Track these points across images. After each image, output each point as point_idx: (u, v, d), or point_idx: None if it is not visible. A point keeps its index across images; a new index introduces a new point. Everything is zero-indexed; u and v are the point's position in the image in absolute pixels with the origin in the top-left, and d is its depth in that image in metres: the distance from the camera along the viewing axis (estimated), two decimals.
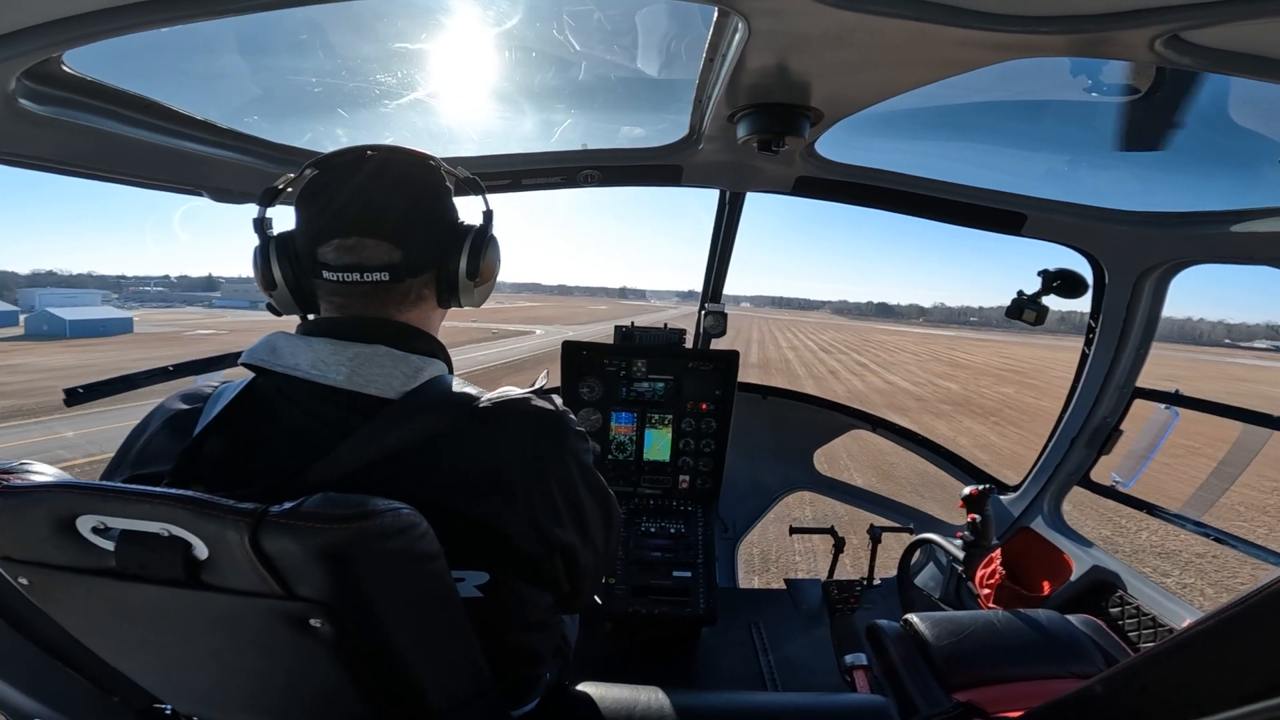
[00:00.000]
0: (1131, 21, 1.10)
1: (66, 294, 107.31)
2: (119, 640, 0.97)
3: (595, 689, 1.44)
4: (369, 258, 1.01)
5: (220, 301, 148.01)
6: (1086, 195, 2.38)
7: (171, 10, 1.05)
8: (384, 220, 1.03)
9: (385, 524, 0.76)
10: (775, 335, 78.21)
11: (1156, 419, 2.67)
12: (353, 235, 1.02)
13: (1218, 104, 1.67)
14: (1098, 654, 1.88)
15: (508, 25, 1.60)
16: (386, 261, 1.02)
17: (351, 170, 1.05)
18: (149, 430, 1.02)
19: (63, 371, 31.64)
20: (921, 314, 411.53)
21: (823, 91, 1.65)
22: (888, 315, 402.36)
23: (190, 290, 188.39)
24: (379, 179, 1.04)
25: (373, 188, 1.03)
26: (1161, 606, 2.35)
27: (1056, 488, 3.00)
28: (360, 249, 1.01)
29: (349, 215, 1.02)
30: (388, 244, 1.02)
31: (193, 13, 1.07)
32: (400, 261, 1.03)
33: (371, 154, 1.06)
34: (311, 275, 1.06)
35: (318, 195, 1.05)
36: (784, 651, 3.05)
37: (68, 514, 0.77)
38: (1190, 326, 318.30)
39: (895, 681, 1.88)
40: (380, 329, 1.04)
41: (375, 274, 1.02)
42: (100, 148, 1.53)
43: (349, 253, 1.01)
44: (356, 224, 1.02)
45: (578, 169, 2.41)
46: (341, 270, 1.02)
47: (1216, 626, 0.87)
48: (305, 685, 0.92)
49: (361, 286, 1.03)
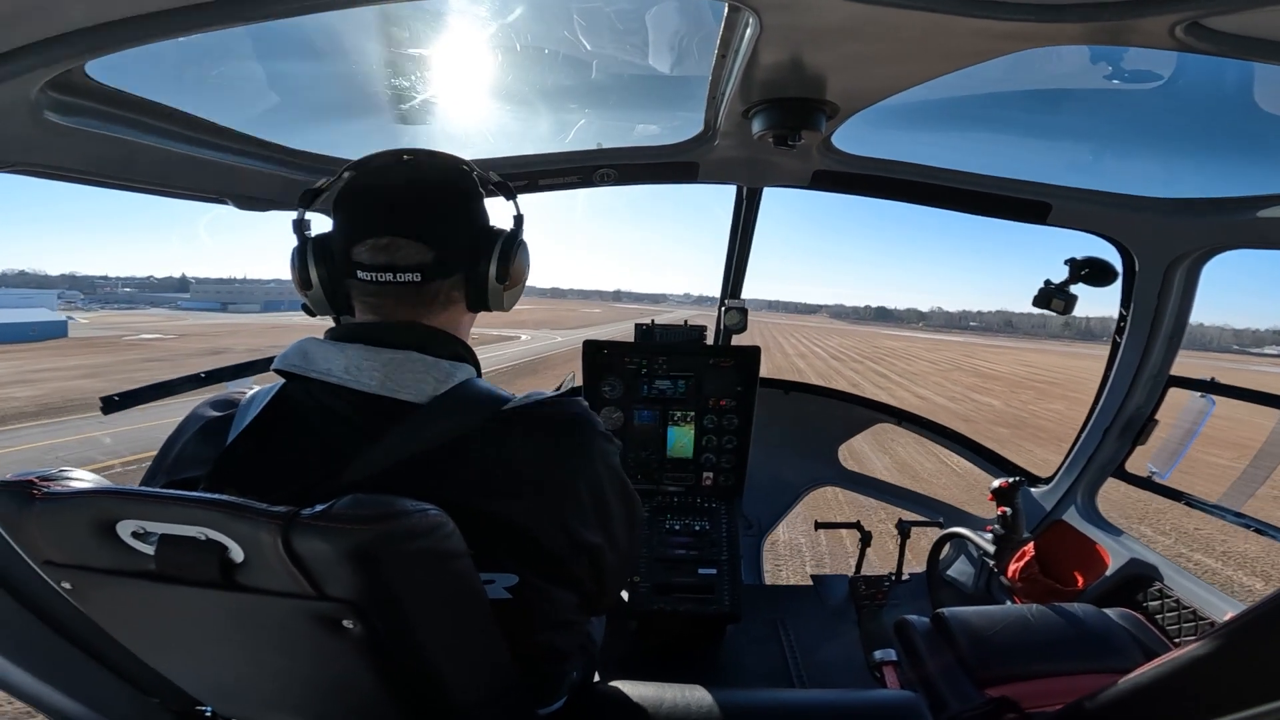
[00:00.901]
0: (1152, 9, 1.07)
1: (22, 294, 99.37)
2: (158, 641, 1.00)
3: (621, 687, 1.44)
4: (402, 257, 1.03)
5: (186, 303, 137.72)
6: (1112, 183, 2.33)
7: (191, 19, 1.06)
8: (416, 220, 1.05)
9: (413, 524, 0.78)
10: (779, 341, 75.64)
11: (1192, 407, 2.60)
12: (386, 235, 1.03)
13: (1243, 89, 1.63)
14: (1135, 648, 1.84)
15: (520, 27, 1.61)
16: (419, 261, 1.03)
17: (386, 173, 1.07)
18: (183, 438, 1.05)
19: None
20: (921, 318, 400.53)
21: (838, 85, 1.63)
22: (887, 319, 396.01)
23: (162, 291, 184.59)
24: (412, 181, 1.07)
25: (407, 189, 1.06)
26: (1201, 599, 2.29)
27: (1090, 480, 2.94)
28: (394, 249, 1.03)
29: (383, 216, 1.04)
30: (420, 244, 1.03)
31: (212, 21, 1.08)
32: (432, 261, 1.04)
33: (407, 157, 1.09)
34: (345, 276, 1.07)
35: (354, 197, 1.07)
36: (811, 648, 3.03)
37: (108, 519, 0.80)
38: (1200, 332, 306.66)
39: (925, 677, 1.85)
40: (411, 334, 1.05)
41: (407, 274, 1.03)
42: (125, 157, 1.55)
43: (383, 252, 1.03)
44: (390, 224, 1.04)
45: (594, 168, 2.41)
46: (375, 270, 1.03)
47: (1259, 619, 0.85)
48: (337, 684, 0.93)
49: (392, 287, 1.04)
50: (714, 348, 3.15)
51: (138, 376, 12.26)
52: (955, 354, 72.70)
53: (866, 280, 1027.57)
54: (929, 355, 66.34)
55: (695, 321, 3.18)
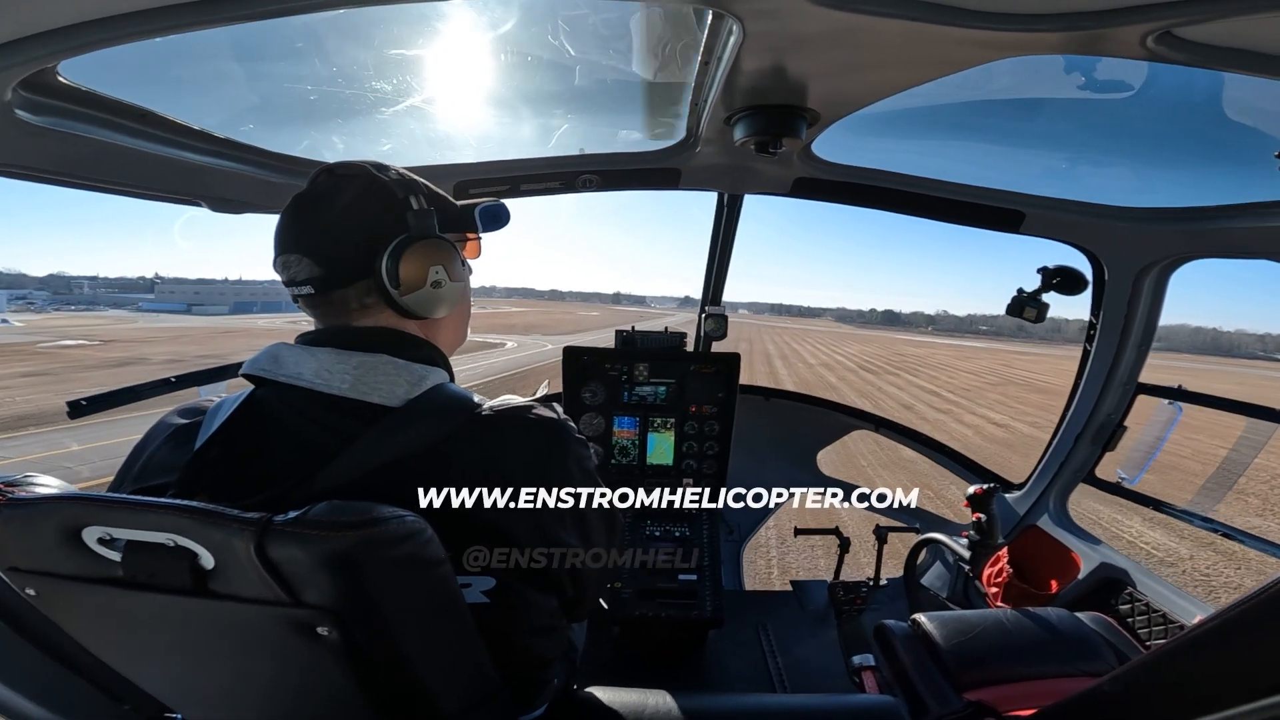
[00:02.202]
0: (1124, 19, 1.11)
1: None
2: (127, 649, 0.98)
3: (603, 693, 1.44)
4: (296, 273, 1.04)
5: (149, 304, 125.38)
6: (1084, 192, 2.38)
7: (167, 20, 1.06)
8: (303, 235, 1.05)
9: (390, 531, 0.77)
10: (795, 348, 66.09)
11: (1160, 415, 2.66)
12: (289, 252, 1.05)
13: (1211, 100, 1.67)
14: (1109, 652, 1.87)
15: (503, 31, 1.60)
16: (309, 275, 1.04)
17: (303, 190, 1.08)
18: (152, 445, 1.03)
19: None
20: (930, 322, 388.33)
21: (819, 92, 1.65)
22: (895, 323, 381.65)
23: (133, 292, 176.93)
24: (313, 196, 1.07)
25: (307, 205, 1.06)
26: (1172, 603, 2.34)
27: (1062, 485, 2.99)
28: (289, 265, 1.05)
29: (283, 233, 1.06)
30: (308, 259, 1.04)
31: (188, 22, 1.07)
32: (322, 275, 1.04)
33: (323, 173, 1.09)
34: None
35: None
36: (792, 653, 3.04)
37: (73, 524, 0.78)
38: (1223, 338, 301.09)
39: (905, 682, 1.86)
40: (381, 338, 1.05)
41: (304, 287, 1.05)
42: (97, 158, 1.53)
43: (285, 269, 1.05)
44: (286, 241, 1.05)
45: (576, 174, 2.41)
46: (288, 285, 1.06)
47: (1227, 622, 0.87)
48: (314, 692, 0.92)
49: (302, 299, 1.07)
50: (694, 354, 3.15)
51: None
52: (989, 362, 64.01)
53: (868, 283, 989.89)
54: (963, 364, 57.96)
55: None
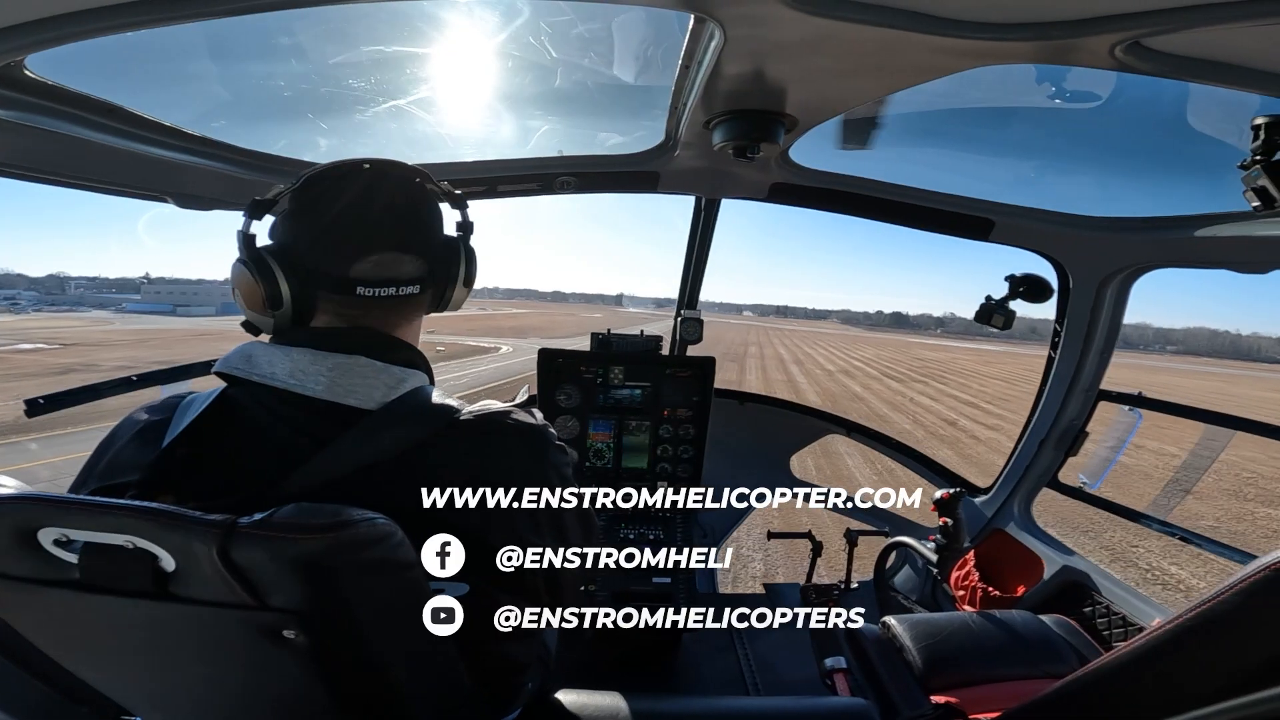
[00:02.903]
0: (1094, 28, 1.14)
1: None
2: (85, 652, 0.95)
3: (578, 697, 1.43)
4: (405, 272, 1.04)
5: (134, 305, 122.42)
6: (1052, 201, 2.44)
7: (138, 14, 1.04)
8: (409, 234, 1.07)
9: (360, 534, 0.76)
10: (810, 352, 60.61)
11: (1121, 421, 2.74)
12: (390, 250, 1.03)
13: (1176, 110, 1.72)
14: (1071, 654, 1.91)
15: (485, 32, 1.60)
16: (417, 274, 1.06)
17: (359, 185, 1.04)
18: (118, 442, 1.00)
19: None
20: (939, 325, 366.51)
21: (797, 98, 1.67)
22: (904, 326, 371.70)
23: (125, 292, 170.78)
24: (394, 194, 1.06)
25: (392, 202, 1.06)
26: (1131, 605, 2.40)
27: (1026, 490, 3.05)
28: (398, 264, 1.03)
29: (378, 230, 1.04)
30: (416, 257, 1.06)
31: (160, 17, 1.05)
32: (427, 274, 1.08)
33: (368, 167, 1.06)
34: (322, 289, 1.03)
35: (338, 211, 1.03)
36: (764, 656, 3.05)
37: (28, 526, 0.76)
38: (1241, 343, 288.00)
39: (876, 684, 1.88)
40: (360, 339, 1.03)
41: (409, 287, 1.05)
42: (64, 153, 1.51)
43: (387, 268, 1.03)
44: (388, 239, 1.04)
45: (554, 175, 2.41)
46: (379, 285, 1.02)
47: (1182, 628, 0.90)
48: (280, 696, 0.90)
49: (391, 300, 1.04)
50: (670, 358, 3.16)
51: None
52: (1013, 367, 57.71)
53: (871, 285, 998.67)
54: (987, 370, 54.00)
55: (718, 326, 3.17)
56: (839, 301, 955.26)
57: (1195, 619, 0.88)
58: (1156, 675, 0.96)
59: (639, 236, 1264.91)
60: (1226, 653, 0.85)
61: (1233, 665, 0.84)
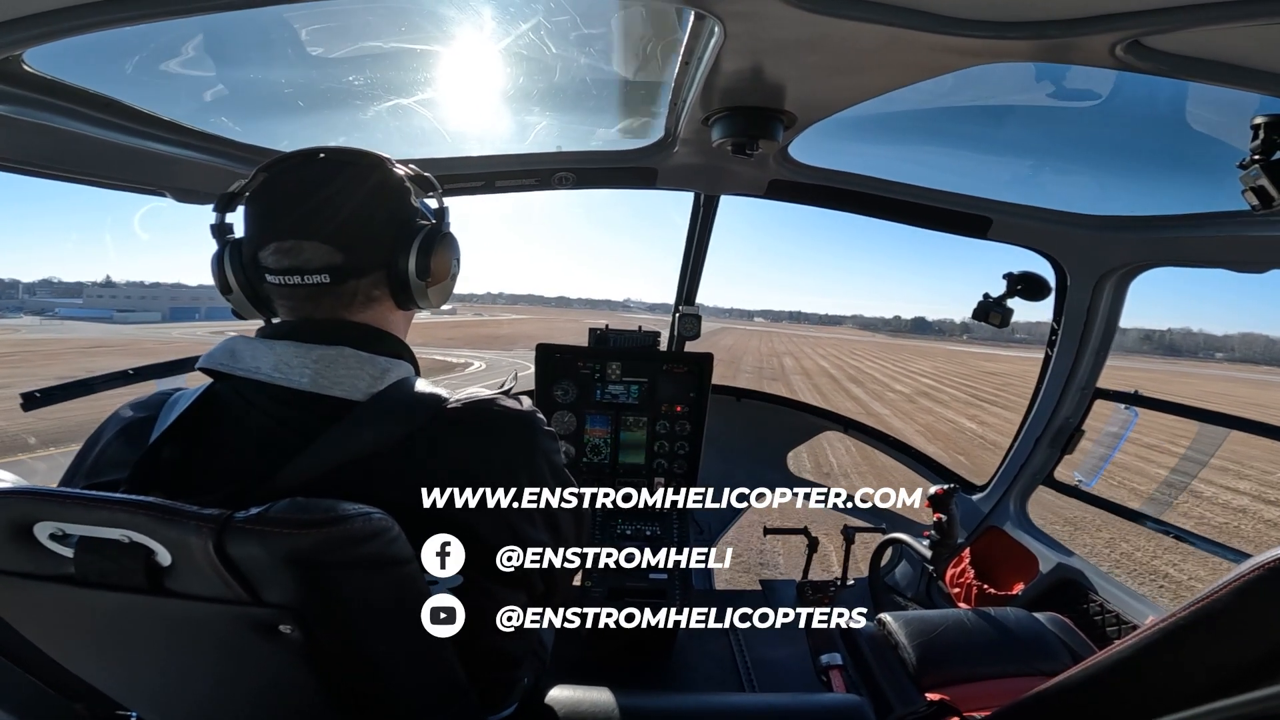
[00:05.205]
0: (1094, 27, 1.14)
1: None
2: (81, 647, 0.95)
3: (573, 692, 1.43)
4: (308, 260, 0.99)
5: (68, 310, 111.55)
6: (1049, 199, 2.44)
7: (136, 9, 1.04)
8: (323, 222, 1.00)
9: (356, 529, 0.75)
10: (855, 364, 50.99)
11: (1117, 419, 2.74)
12: (290, 238, 0.99)
13: (1175, 110, 1.72)
14: (1064, 652, 1.92)
15: (483, 27, 1.59)
16: (326, 263, 0.99)
17: (295, 173, 1.03)
18: (103, 439, 1.00)
19: None
20: (964, 330, 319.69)
21: (796, 95, 1.67)
22: (927, 331, 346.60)
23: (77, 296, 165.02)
24: (322, 180, 1.02)
25: (314, 189, 1.01)
26: (1125, 604, 2.41)
27: (1022, 487, 3.06)
28: (298, 251, 0.99)
29: (287, 218, 1.00)
30: (327, 246, 0.99)
31: (158, 11, 1.05)
32: (341, 263, 1.00)
33: (322, 155, 1.04)
34: (258, 279, 1.03)
35: (261, 198, 1.03)
36: (760, 652, 3.06)
37: (23, 520, 0.76)
38: (1275, 346, 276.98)
39: (870, 681, 1.89)
40: (343, 330, 1.02)
41: (315, 276, 0.99)
42: (62, 148, 1.51)
43: (287, 255, 0.99)
44: (294, 227, 1.00)
45: (552, 171, 2.40)
46: (282, 273, 0.99)
47: (1175, 626, 0.90)
48: (274, 692, 0.90)
49: (303, 289, 1.00)
50: (668, 354, 3.16)
51: None
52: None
53: (884, 289, 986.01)
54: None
55: (737, 334, 3.14)
56: (852, 306, 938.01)
57: (1188, 617, 0.88)
58: (1149, 673, 0.96)
59: (644, 238, 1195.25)
60: (1219, 651, 0.86)
61: (1225, 664, 0.84)
